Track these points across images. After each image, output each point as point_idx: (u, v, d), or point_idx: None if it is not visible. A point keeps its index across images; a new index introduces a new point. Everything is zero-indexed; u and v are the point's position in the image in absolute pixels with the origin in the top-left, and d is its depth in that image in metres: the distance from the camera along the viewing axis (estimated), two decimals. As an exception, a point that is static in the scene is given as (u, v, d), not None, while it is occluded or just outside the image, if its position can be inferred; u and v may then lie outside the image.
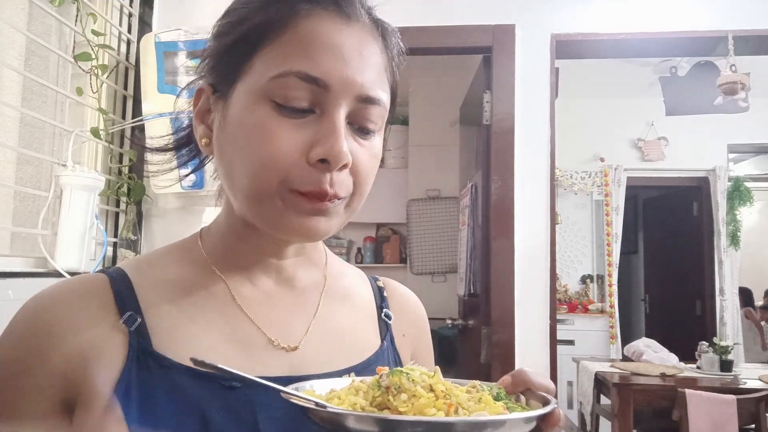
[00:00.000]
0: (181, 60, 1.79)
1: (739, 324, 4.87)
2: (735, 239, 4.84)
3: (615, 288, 4.81)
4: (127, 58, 1.96)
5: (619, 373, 3.21)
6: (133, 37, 1.98)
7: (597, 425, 3.51)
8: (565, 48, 2.13)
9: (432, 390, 0.44)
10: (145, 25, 2.03)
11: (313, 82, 0.51)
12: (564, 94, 2.89)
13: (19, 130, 1.56)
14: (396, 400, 0.43)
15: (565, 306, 4.78)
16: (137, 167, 1.94)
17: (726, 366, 3.19)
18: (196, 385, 0.51)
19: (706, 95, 2.65)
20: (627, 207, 4.93)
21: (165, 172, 0.66)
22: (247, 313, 0.58)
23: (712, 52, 2.29)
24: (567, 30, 2.10)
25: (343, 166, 0.52)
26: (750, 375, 3.18)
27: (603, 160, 4.91)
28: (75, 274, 1.52)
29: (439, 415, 0.42)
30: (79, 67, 1.71)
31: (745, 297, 5.16)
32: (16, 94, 1.55)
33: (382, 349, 0.65)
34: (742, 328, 4.95)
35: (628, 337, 4.64)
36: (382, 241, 4.60)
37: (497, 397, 0.48)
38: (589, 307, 4.84)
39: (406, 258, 4.37)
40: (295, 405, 0.44)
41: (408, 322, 0.71)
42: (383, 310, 0.69)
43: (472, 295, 2.54)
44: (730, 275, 4.78)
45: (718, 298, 4.78)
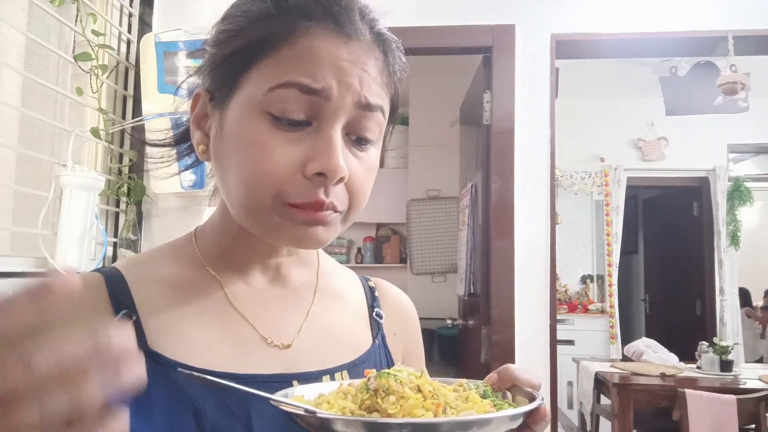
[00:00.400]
0: (181, 60, 1.79)
1: (739, 324, 4.88)
2: (735, 239, 4.84)
3: (615, 288, 4.81)
4: (127, 58, 1.96)
5: (619, 373, 3.21)
6: (133, 37, 1.98)
7: (597, 425, 3.52)
8: (565, 48, 2.13)
9: (420, 390, 0.44)
10: (145, 25, 2.03)
11: (313, 93, 0.51)
12: (564, 94, 2.89)
13: (19, 130, 1.56)
14: (384, 402, 0.43)
15: (565, 306, 4.78)
16: (137, 167, 1.94)
17: (726, 366, 3.19)
18: (190, 382, 0.52)
19: (706, 95, 2.64)
20: (627, 207, 4.93)
21: (164, 166, 0.66)
22: (241, 311, 0.59)
23: (712, 52, 2.29)
24: (567, 30, 2.10)
25: (339, 180, 0.52)
26: (750, 375, 3.18)
27: (603, 160, 4.91)
28: (75, 274, 1.53)
29: (427, 416, 0.42)
30: (79, 67, 1.71)
31: (744, 297, 5.17)
32: (16, 94, 1.55)
33: (373, 348, 0.65)
34: (742, 328, 4.95)
35: (628, 337, 4.64)
36: (382, 241, 4.60)
37: (484, 395, 0.48)
38: (589, 307, 4.84)
39: (406, 258, 4.38)
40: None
41: (399, 321, 0.72)
42: (374, 309, 0.70)
43: (472, 295, 2.54)
44: (730, 275, 4.78)
45: (718, 298, 4.78)
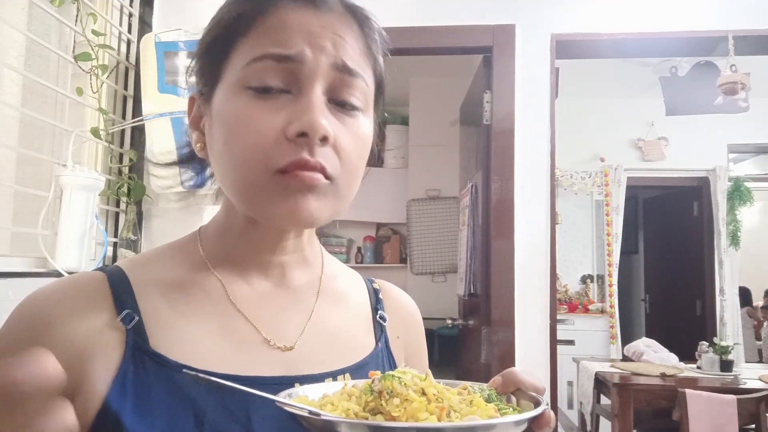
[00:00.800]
0: (181, 60, 1.80)
1: (739, 324, 4.88)
2: (735, 239, 4.84)
3: (615, 288, 4.81)
4: (127, 58, 1.96)
5: (619, 373, 3.21)
6: (133, 37, 1.98)
7: (597, 425, 3.52)
8: (565, 48, 2.13)
9: (424, 393, 0.44)
10: (145, 25, 2.03)
11: (286, 60, 0.52)
12: (564, 94, 2.89)
13: (19, 130, 1.56)
14: (388, 404, 0.43)
15: (565, 306, 4.78)
16: (137, 167, 1.94)
17: (726, 366, 3.19)
18: (191, 383, 0.51)
19: (706, 95, 2.65)
20: (627, 207, 4.93)
21: (173, 185, 0.67)
22: (243, 312, 0.58)
23: (712, 52, 2.29)
24: (567, 30, 2.10)
25: (323, 139, 0.51)
26: (750, 375, 3.18)
27: (603, 160, 4.91)
28: (75, 274, 1.53)
29: (431, 419, 0.42)
30: (79, 67, 1.71)
31: (744, 297, 5.16)
32: (16, 94, 1.55)
33: (376, 351, 0.65)
34: (742, 328, 4.95)
35: (628, 337, 4.64)
36: (382, 241, 4.60)
37: (488, 399, 0.48)
38: (589, 307, 4.84)
39: (406, 258, 4.38)
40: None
41: (403, 324, 0.71)
42: (378, 311, 0.69)
43: (472, 295, 2.54)
44: (730, 275, 4.78)
45: (718, 298, 4.78)
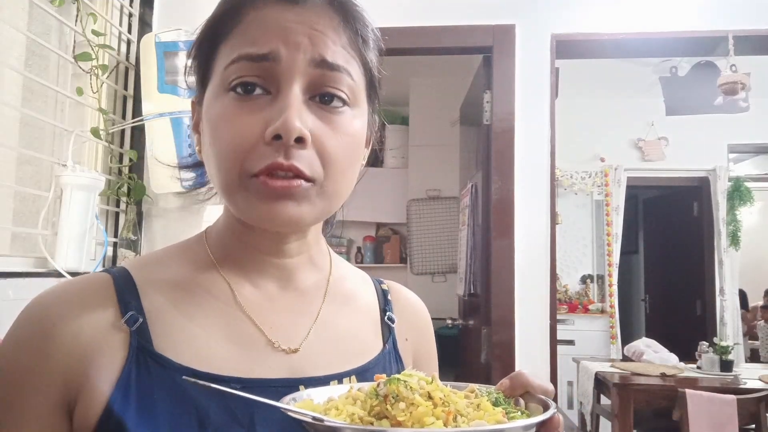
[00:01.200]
0: (181, 60, 1.79)
1: (739, 324, 4.87)
2: (735, 239, 4.84)
3: (615, 288, 4.81)
4: (127, 58, 1.96)
5: (619, 373, 3.21)
6: (133, 37, 1.98)
7: (597, 425, 3.52)
8: (565, 48, 2.13)
9: (430, 397, 0.43)
10: (145, 25, 2.03)
11: (262, 59, 0.52)
12: (564, 94, 2.89)
13: (20, 130, 1.56)
14: (394, 409, 0.42)
15: (565, 306, 4.78)
16: (137, 167, 1.94)
17: (726, 366, 3.19)
18: (195, 386, 0.51)
19: (706, 95, 2.65)
20: (627, 207, 4.93)
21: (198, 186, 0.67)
22: (249, 314, 0.58)
23: (712, 52, 2.29)
24: (567, 30, 2.10)
25: (299, 141, 0.50)
26: (750, 375, 3.18)
27: (603, 160, 4.91)
28: (75, 274, 1.53)
29: (437, 424, 0.41)
30: (80, 67, 1.71)
31: (741, 299, 5.15)
32: (17, 94, 1.55)
33: (383, 353, 0.64)
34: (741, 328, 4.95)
35: (628, 337, 4.64)
36: (382, 241, 4.60)
37: (496, 403, 0.47)
38: (589, 307, 4.84)
39: (406, 258, 4.37)
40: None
41: (411, 326, 0.71)
42: (386, 313, 0.68)
43: (472, 295, 2.54)
44: (730, 275, 4.77)
45: (718, 298, 4.77)
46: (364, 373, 0.60)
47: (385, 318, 0.68)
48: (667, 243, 5.67)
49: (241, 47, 0.53)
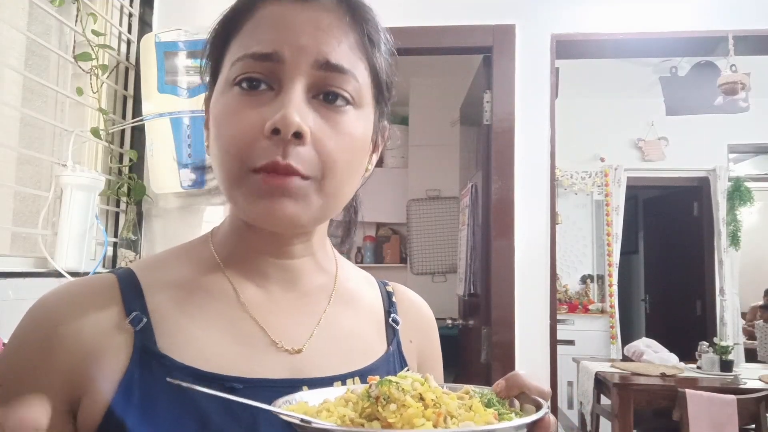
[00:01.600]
0: (182, 60, 1.79)
1: (739, 324, 4.87)
2: (735, 239, 4.84)
3: (615, 288, 4.81)
4: (127, 58, 1.96)
5: (619, 373, 3.21)
6: (133, 37, 1.98)
7: (597, 425, 3.52)
8: (565, 48, 2.13)
9: (422, 399, 0.43)
10: (145, 25, 2.03)
11: (266, 58, 0.52)
12: (564, 94, 2.89)
13: (20, 130, 1.56)
14: (385, 410, 0.42)
15: (565, 306, 4.78)
16: (137, 167, 1.94)
17: (726, 366, 3.19)
18: (197, 385, 0.51)
19: (706, 95, 2.65)
20: (627, 207, 4.93)
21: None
22: (253, 315, 0.58)
23: (712, 52, 2.29)
24: (567, 30, 2.10)
25: (297, 136, 0.50)
26: (750, 375, 3.18)
27: (603, 160, 4.91)
28: (75, 274, 1.53)
29: (427, 425, 0.41)
30: (80, 67, 1.71)
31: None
32: (17, 94, 1.55)
33: (387, 354, 0.64)
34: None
35: (628, 337, 4.64)
36: (382, 241, 4.60)
37: (488, 404, 0.47)
38: (590, 307, 4.84)
39: (406, 258, 4.37)
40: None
41: (416, 328, 0.71)
42: (391, 315, 0.68)
43: (472, 295, 2.54)
44: (730, 275, 4.77)
45: (718, 298, 4.77)
46: (368, 374, 0.60)
47: (390, 320, 0.68)
48: (667, 243, 5.67)
49: (248, 45, 0.53)
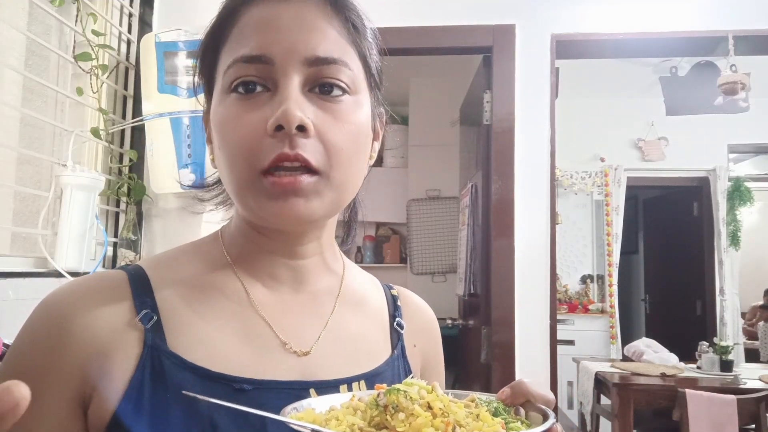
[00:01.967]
0: (181, 60, 1.79)
1: (739, 324, 4.87)
2: (735, 239, 4.84)
3: (615, 288, 4.81)
4: (127, 58, 1.96)
5: (619, 373, 3.21)
6: (133, 37, 1.98)
7: (597, 425, 3.52)
8: (565, 48, 2.13)
9: (430, 407, 0.43)
10: (145, 25, 2.03)
11: (256, 61, 0.53)
12: (564, 94, 2.89)
13: (20, 130, 1.56)
14: (394, 419, 0.42)
15: (565, 306, 4.78)
16: (137, 167, 1.94)
17: (726, 366, 3.19)
18: (206, 386, 0.51)
19: (706, 95, 2.65)
20: (627, 207, 4.93)
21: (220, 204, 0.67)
22: (263, 315, 0.58)
23: (712, 52, 2.28)
24: (567, 30, 2.10)
25: (300, 129, 0.51)
26: (750, 375, 3.18)
27: (603, 160, 4.91)
28: (75, 274, 1.53)
29: None
30: (80, 67, 1.71)
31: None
32: (17, 94, 1.55)
33: (392, 358, 0.64)
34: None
35: (628, 337, 4.64)
36: (382, 241, 4.60)
37: (495, 413, 0.47)
38: (590, 307, 4.84)
39: (406, 258, 4.38)
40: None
41: (420, 332, 0.71)
42: (396, 318, 0.69)
43: (472, 295, 2.54)
44: (730, 275, 4.77)
45: (718, 298, 4.77)
46: (374, 377, 0.60)
47: (395, 324, 0.68)
48: (667, 243, 5.67)
49: (237, 50, 0.54)
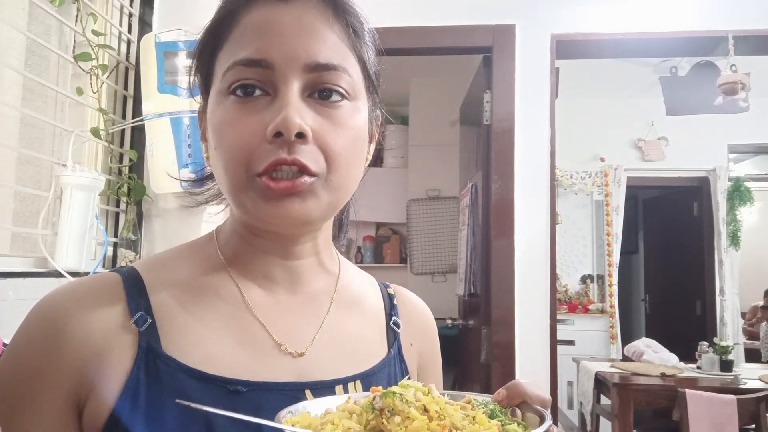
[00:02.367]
0: (181, 60, 1.79)
1: (739, 324, 4.87)
2: (735, 239, 4.84)
3: (615, 288, 4.81)
4: (127, 58, 1.96)
5: (619, 373, 3.21)
6: (133, 37, 1.98)
7: (597, 425, 3.52)
8: (565, 48, 2.13)
9: (426, 410, 0.43)
10: (145, 25, 2.03)
11: (256, 65, 0.52)
12: (564, 94, 2.89)
13: (20, 130, 1.56)
14: (390, 423, 0.42)
15: (565, 306, 4.78)
16: (137, 167, 1.94)
17: (726, 366, 3.19)
18: (201, 388, 0.51)
19: (706, 95, 2.65)
20: (627, 207, 4.93)
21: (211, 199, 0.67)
22: (258, 316, 0.58)
23: (712, 52, 2.29)
24: (567, 30, 2.10)
25: (300, 136, 0.51)
26: (750, 375, 3.18)
27: (603, 160, 4.91)
28: (75, 274, 1.52)
29: None
30: (80, 67, 1.71)
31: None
32: (17, 94, 1.55)
33: (388, 358, 0.64)
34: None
35: (628, 337, 4.64)
36: (382, 241, 4.60)
37: (492, 415, 0.47)
38: (590, 307, 4.84)
39: (406, 258, 4.37)
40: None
41: (416, 331, 0.71)
42: (392, 317, 0.68)
43: (472, 295, 2.54)
44: (730, 275, 4.77)
45: (718, 298, 4.77)
46: (369, 377, 0.60)
47: (391, 323, 0.68)
48: (667, 243, 5.67)
49: (237, 53, 0.53)
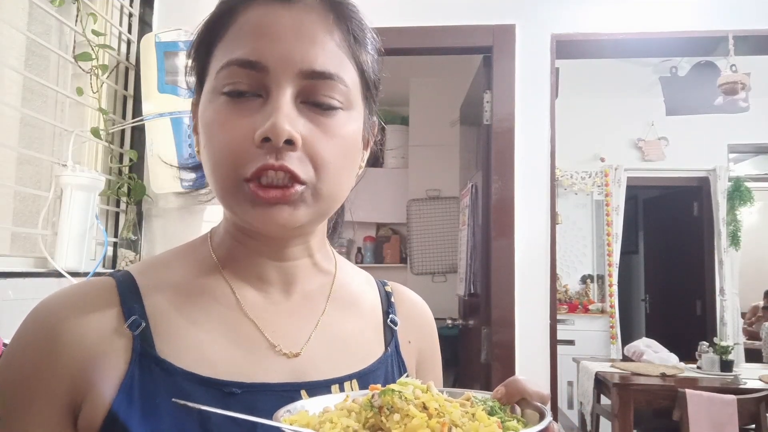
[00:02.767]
0: (181, 60, 1.79)
1: (739, 324, 4.87)
2: (735, 239, 4.84)
3: (615, 288, 4.81)
4: (127, 58, 1.96)
5: (620, 373, 3.21)
6: (134, 37, 1.98)
7: (597, 425, 3.52)
8: (565, 48, 2.13)
9: (425, 408, 0.43)
10: (145, 25, 2.03)
11: (250, 66, 0.52)
12: (564, 94, 2.90)
13: (20, 130, 1.56)
14: (389, 420, 0.42)
15: (565, 306, 4.78)
16: (137, 167, 1.94)
17: (726, 366, 3.19)
18: (196, 390, 0.51)
19: (706, 95, 2.65)
20: (627, 207, 4.93)
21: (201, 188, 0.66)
22: (252, 318, 0.58)
23: (712, 52, 2.29)
24: (567, 30, 2.10)
25: (289, 143, 0.50)
26: (750, 375, 3.18)
27: (603, 160, 4.91)
28: (75, 274, 1.52)
29: None
30: (80, 67, 1.71)
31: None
32: (17, 94, 1.55)
33: (385, 356, 0.64)
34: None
35: (628, 337, 4.64)
36: (382, 241, 4.60)
37: (491, 412, 0.47)
38: (590, 307, 4.84)
39: (407, 258, 4.38)
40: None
41: (415, 328, 0.70)
42: (389, 315, 0.68)
43: (472, 295, 2.54)
44: (730, 275, 4.77)
45: (718, 298, 4.77)
46: (366, 376, 0.60)
47: (388, 321, 0.67)
48: (667, 243, 5.67)
49: (232, 52, 0.53)
